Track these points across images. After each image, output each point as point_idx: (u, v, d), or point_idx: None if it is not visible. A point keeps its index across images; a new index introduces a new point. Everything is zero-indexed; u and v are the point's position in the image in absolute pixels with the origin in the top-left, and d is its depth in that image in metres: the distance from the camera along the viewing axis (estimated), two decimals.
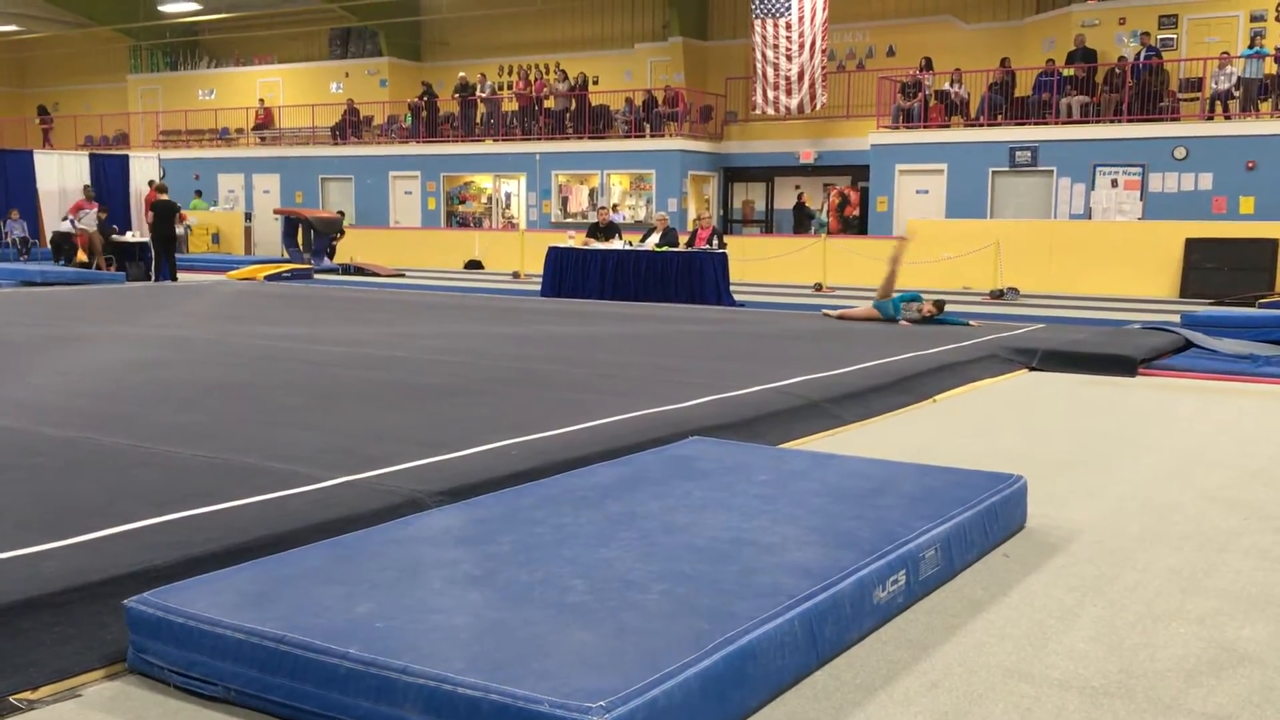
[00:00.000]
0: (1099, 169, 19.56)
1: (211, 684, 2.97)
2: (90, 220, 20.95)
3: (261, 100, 31.23)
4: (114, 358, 8.53)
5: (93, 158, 24.97)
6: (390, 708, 2.67)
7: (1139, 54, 19.95)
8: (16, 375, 7.56)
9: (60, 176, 24.08)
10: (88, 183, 23.29)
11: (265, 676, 2.87)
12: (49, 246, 22.23)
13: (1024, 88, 21.22)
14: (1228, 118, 19.12)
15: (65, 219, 21.42)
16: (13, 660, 3.02)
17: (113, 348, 9.17)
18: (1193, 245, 17.47)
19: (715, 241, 16.04)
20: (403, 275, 22.36)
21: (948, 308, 12.19)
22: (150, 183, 21.85)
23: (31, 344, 9.45)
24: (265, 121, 30.66)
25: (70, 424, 5.77)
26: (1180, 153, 18.84)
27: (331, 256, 23.74)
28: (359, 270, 22.75)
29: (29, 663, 3.04)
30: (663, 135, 24.43)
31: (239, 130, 31.14)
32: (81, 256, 21.01)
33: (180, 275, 19.78)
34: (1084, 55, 20.56)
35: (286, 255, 24.75)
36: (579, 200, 25.57)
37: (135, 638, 3.12)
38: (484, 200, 27.35)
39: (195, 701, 2.98)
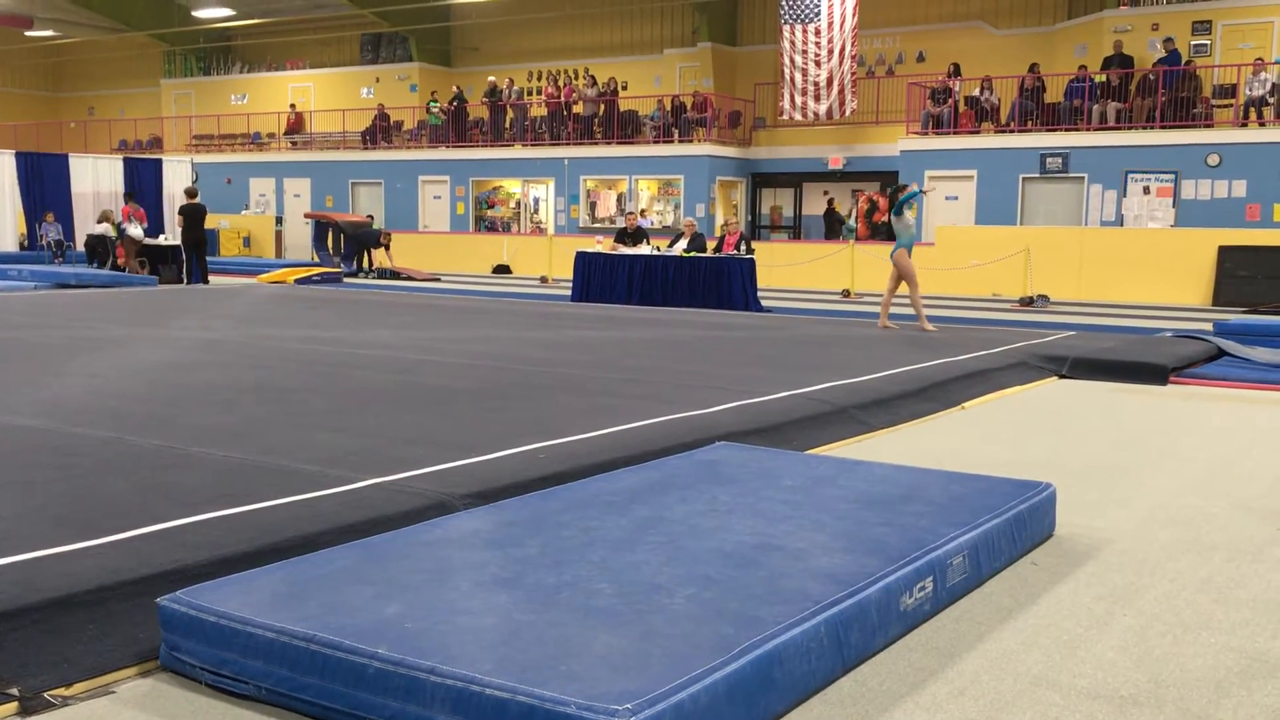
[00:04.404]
0: (1131, 176, 19.41)
1: (242, 682, 3.00)
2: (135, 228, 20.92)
3: (293, 105, 31.48)
4: (147, 360, 8.63)
5: (127, 161, 25.23)
6: (418, 708, 2.69)
7: (1165, 58, 19.78)
8: (52, 376, 7.66)
9: (95, 180, 24.33)
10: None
11: (295, 676, 2.90)
12: (83, 249, 22.45)
13: (1055, 94, 21.09)
14: (1262, 124, 18.92)
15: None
16: (48, 657, 3.07)
17: (145, 350, 9.28)
18: (1226, 253, 17.31)
19: (743, 247, 16.02)
20: (438, 279, 22.46)
21: None
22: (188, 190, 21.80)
23: (66, 346, 9.56)
24: (296, 126, 30.91)
25: (104, 425, 5.84)
26: (1213, 159, 18.66)
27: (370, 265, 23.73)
28: (394, 274, 22.87)
29: (64, 659, 3.08)
30: (691, 141, 24.43)
31: (270, 135, 31.41)
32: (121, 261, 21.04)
33: (211, 278, 19.96)
34: (1120, 61, 20.41)
35: (316, 259, 24.95)
36: (607, 205, 25.62)
37: (168, 636, 3.16)
38: (512, 205, 27.45)
39: (226, 699, 3.02)
